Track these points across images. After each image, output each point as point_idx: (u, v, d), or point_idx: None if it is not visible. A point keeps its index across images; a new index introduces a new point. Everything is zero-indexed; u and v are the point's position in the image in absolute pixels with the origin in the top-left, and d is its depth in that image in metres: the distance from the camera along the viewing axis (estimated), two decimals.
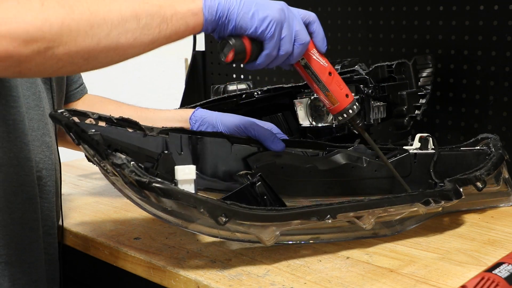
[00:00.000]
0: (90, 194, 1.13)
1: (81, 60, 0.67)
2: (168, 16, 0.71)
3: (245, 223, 0.76)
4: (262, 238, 0.78)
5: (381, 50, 1.30)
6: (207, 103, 1.15)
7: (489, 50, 1.16)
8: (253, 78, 1.53)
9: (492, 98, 1.16)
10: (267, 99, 1.16)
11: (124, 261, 0.86)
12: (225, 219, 0.73)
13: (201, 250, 0.85)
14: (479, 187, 0.90)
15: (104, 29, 0.66)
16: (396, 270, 0.78)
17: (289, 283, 0.75)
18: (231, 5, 0.75)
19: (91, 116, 0.86)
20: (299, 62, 0.84)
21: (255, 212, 0.76)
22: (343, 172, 0.92)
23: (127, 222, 0.97)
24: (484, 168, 0.93)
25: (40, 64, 0.65)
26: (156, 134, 0.93)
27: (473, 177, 0.90)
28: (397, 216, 0.86)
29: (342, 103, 0.86)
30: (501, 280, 0.67)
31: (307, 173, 0.90)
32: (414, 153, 0.99)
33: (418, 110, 1.14)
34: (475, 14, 1.16)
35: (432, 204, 0.84)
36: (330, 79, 0.86)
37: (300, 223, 0.78)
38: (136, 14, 0.69)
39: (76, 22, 0.65)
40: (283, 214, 0.77)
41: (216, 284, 0.75)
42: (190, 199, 0.73)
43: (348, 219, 0.81)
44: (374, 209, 0.81)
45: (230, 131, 0.98)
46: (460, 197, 0.86)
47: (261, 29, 0.76)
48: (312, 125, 1.09)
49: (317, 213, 0.78)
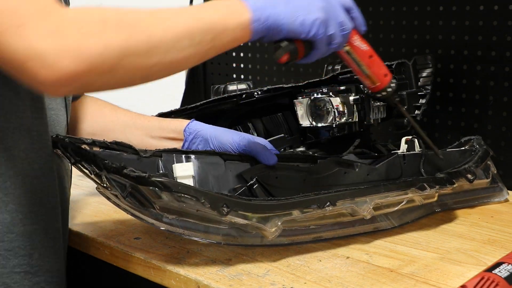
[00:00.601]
0: (90, 194, 1.13)
1: (139, 79, 0.71)
2: (220, 31, 0.73)
3: (247, 214, 0.76)
4: (265, 230, 0.78)
5: (381, 50, 1.30)
6: (207, 103, 1.15)
7: (489, 50, 1.16)
8: (253, 78, 1.53)
9: (492, 98, 1.16)
10: (267, 99, 1.16)
11: (124, 261, 0.86)
12: (227, 209, 0.74)
13: (201, 250, 0.85)
14: (470, 178, 0.94)
15: (161, 50, 0.68)
16: (396, 270, 0.78)
17: (289, 283, 0.75)
18: (279, 15, 0.76)
19: (85, 142, 0.86)
20: (342, 49, 0.86)
21: (255, 202, 0.78)
22: (336, 178, 0.94)
23: (127, 222, 0.97)
24: (471, 161, 0.99)
25: (101, 85, 0.69)
26: (149, 155, 0.92)
27: (463, 170, 0.95)
28: (396, 207, 0.89)
29: (382, 82, 0.90)
30: (501, 280, 0.67)
31: (301, 181, 0.92)
32: (403, 155, 1.01)
33: (418, 110, 1.14)
34: (475, 14, 1.16)
35: (427, 189, 0.88)
36: (371, 62, 0.88)
37: (301, 213, 0.80)
38: (191, 33, 0.71)
39: (135, 45, 0.67)
40: (283, 203, 0.79)
41: (216, 284, 0.75)
42: (191, 190, 0.74)
43: (347, 206, 0.83)
44: (372, 195, 0.84)
45: (224, 146, 0.98)
46: (452, 184, 0.91)
47: (312, 33, 0.78)
48: (312, 125, 1.09)
49: (317, 201, 0.80)
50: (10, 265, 0.79)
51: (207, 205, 0.74)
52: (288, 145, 1.14)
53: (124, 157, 0.90)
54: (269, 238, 0.80)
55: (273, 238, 0.80)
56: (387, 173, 0.98)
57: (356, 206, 0.84)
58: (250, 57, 1.54)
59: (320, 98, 1.07)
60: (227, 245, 0.82)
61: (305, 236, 0.85)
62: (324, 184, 0.93)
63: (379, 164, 0.97)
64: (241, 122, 1.17)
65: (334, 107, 1.05)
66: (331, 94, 1.06)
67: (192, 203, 0.75)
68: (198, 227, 0.79)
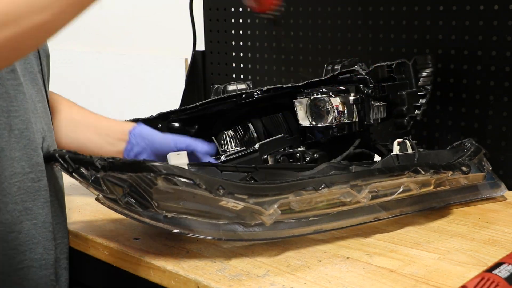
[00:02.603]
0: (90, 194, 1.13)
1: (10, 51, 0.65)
2: None
3: (243, 196, 0.77)
4: (262, 212, 0.79)
5: (381, 50, 1.30)
6: (207, 103, 1.15)
7: (489, 50, 1.16)
8: (253, 78, 1.53)
9: (492, 98, 1.16)
10: (267, 99, 1.16)
11: (124, 261, 0.86)
12: (223, 190, 0.75)
13: (201, 250, 0.85)
14: (464, 170, 0.95)
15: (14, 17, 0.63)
16: (396, 270, 0.78)
17: (289, 283, 0.75)
18: None
19: None
20: None
21: (251, 185, 0.79)
22: None
23: (127, 222, 0.97)
24: (465, 155, 1.01)
25: None
26: None
27: (457, 163, 0.96)
28: (392, 195, 0.89)
29: None
30: (501, 280, 0.67)
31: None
32: (396, 155, 1.02)
33: (418, 110, 1.14)
34: (475, 14, 1.16)
35: (422, 173, 0.89)
36: None
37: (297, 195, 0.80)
38: None
39: None
40: (278, 185, 0.80)
41: (216, 284, 0.75)
42: (186, 173, 0.74)
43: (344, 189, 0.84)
44: (366, 178, 0.85)
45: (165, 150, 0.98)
46: (447, 170, 0.93)
47: None
48: (312, 125, 1.09)
49: (312, 183, 0.81)
50: (15, 262, 0.81)
51: (203, 186, 0.74)
52: (288, 145, 1.14)
53: None
54: (267, 223, 0.80)
55: (271, 222, 0.80)
56: None
57: (352, 189, 0.84)
58: (250, 57, 1.54)
59: (320, 98, 1.07)
60: (228, 240, 0.82)
61: (305, 228, 0.85)
62: None
63: (374, 166, 0.97)
64: (241, 122, 1.17)
65: (334, 107, 1.05)
66: (331, 94, 1.06)
67: (188, 188, 0.75)
68: (197, 224, 0.79)
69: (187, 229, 0.79)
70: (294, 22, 1.43)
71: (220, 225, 0.80)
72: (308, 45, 1.42)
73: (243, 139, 1.17)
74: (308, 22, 1.41)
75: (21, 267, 0.83)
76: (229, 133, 1.16)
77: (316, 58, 1.41)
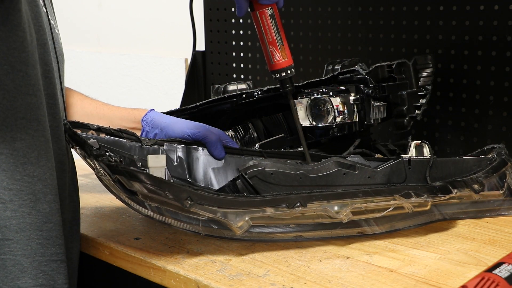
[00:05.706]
0: (90, 194, 1.13)
1: None
2: None
3: (213, 208, 0.77)
4: (231, 225, 0.79)
5: (381, 50, 1.30)
6: (207, 103, 1.15)
7: (489, 50, 1.16)
8: (253, 78, 1.53)
9: (492, 98, 1.16)
10: (267, 99, 1.16)
11: (124, 261, 0.86)
12: (190, 202, 0.75)
13: (201, 250, 0.85)
14: (476, 189, 0.88)
15: None
16: (396, 270, 0.78)
17: (289, 283, 0.75)
18: None
19: (91, 128, 0.93)
20: (266, 10, 0.87)
21: (221, 197, 0.78)
22: (334, 178, 0.92)
23: (127, 222, 0.97)
24: (482, 171, 0.91)
25: None
26: (151, 144, 0.98)
27: (469, 180, 0.88)
28: (382, 213, 0.85)
29: (290, 59, 0.93)
30: (501, 280, 0.67)
31: (297, 179, 0.91)
32: (408, 159, 0.96)
33: (418, 110, 1.14)
34: (475, 14, 1.16)
35: (413, 197, 0.83)
36: (284, 36, 0.91)
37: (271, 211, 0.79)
38: None
39: None
40: (250, 200, 0.79)
41: (216, 284, 0.75)
42: (155, 181, 0.75)
43: (321, 209, 0.81)
44: (347, 200, 0.81)
45: (178, 135, 1.02)
46: (448, 193, 0.85)
47: None
48: (312, 125, 1.09)
49: (287, 201, 0.79)
50: (48, 253, 0.81)
51: (170, 196, 0.75)
52: (288, 145, 1.14)
53: (128, 144, 0.96)
54: (237, 233, 0.80)
55: (241, 233, 0.80)
56: (389, 177, 0.94)
57: (330, 209, 0.81)
58: (250, 57, 1.54)
59: (320, 98, 1.07)
60: (207, 236, 0.82)
61: (285, 234, 0.84)
62: (320, 184, 0.91)
63: (382, 167, 0.94)
64: (241, 122, 1.17)
65: (334, 107, 1.05)
66: (331, 94, 1.06)
67: (157, 196, 0.76)
68: (179, 216, 0.79)
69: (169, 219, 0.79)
70: (294, 22, 1.43)
71: (200, 220, 0.80)
72: (308, 45, 1.42)
73: (243, 139, 1.17)
74: (308, 22, 1.41)
75: (55, 260, 0.82)
76: (230, 133, 1.16)
77: (316, 58, 1.41)
